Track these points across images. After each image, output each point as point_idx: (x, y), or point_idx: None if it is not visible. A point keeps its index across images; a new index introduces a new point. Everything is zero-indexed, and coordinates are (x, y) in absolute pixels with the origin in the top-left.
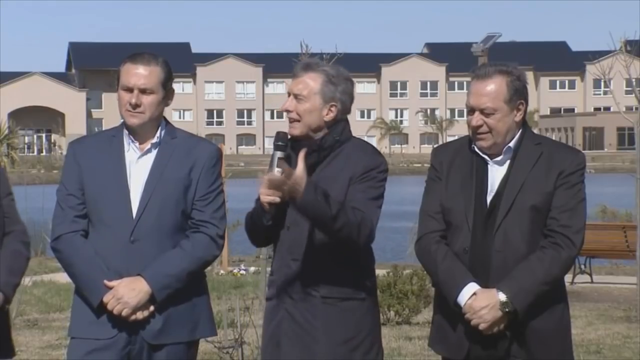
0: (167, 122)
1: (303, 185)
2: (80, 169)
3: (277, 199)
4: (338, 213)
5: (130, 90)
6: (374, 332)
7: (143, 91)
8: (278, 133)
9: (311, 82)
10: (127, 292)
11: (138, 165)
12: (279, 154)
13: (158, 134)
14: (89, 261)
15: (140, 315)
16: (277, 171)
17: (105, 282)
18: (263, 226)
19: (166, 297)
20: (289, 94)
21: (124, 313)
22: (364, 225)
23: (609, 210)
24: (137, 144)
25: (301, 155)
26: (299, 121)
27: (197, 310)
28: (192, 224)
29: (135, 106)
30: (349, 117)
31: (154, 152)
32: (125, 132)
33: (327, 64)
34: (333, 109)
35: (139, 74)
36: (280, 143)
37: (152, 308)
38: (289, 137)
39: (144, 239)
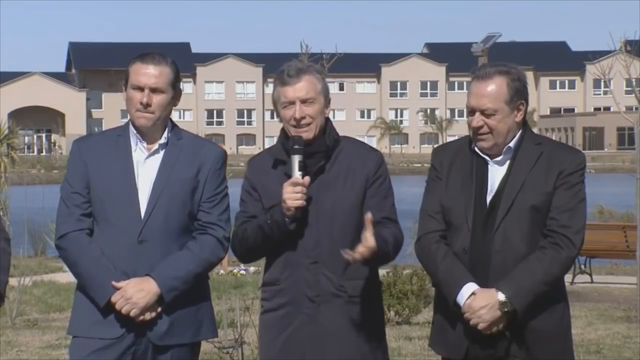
0: (174, 124)
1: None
2: (86, 167)
3: (304, 202)
4: (394, 249)
5: (141, 89)
6: (385, 333)
7: (154, 91)
8: (293, 137)
9: (313, 84)
10: (136, 293)
11: (145, 165)
12: (298, 157)
13: (165, 134)
14: (96, 261)
15: (148, 316)
16: (298, 174)
17: (114, 283)
18: (279, 236)
19: (173, 299)
20: (291, 103)
21: (132, 313)
22: (401, 240)
23: (605, 210)
24: (144, 144)
25: (369, 235)
26: (310, 124)
27: (201, 312)
28: (198, 225)
29: (147, 105)
30: (349, 117)
31: (162, 152)
32: (133, 131)
33: (311, 64)
34: (329, 104)
35: (150, 73)
36: (297, 147)
37: (159, 309)
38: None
39: (152, 240)
